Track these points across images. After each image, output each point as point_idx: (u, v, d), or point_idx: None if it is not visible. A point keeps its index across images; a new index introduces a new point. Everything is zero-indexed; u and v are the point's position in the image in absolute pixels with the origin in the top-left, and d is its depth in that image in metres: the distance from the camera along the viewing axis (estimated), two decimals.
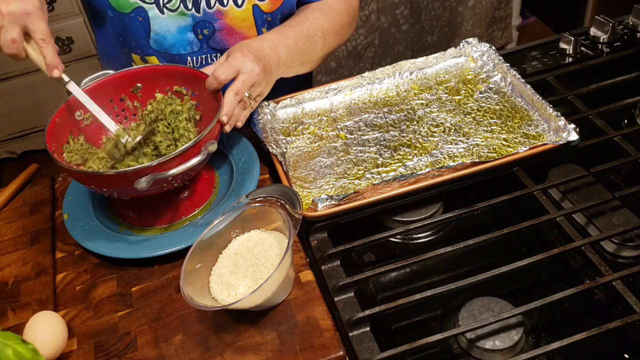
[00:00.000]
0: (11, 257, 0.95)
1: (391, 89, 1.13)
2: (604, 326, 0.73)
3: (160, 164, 0.81)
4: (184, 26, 1.05)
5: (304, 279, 0.85)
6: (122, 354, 0.80)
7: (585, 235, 0.88)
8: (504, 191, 0.92)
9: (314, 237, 0.90)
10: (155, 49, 1.08)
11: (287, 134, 1.07)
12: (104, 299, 0.87)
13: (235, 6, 1.04)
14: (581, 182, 0.94)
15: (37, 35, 0.83)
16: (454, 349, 0.78)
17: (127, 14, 1.03)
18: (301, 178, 0.98)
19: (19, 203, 1.05)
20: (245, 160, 1.00)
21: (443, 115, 1.05)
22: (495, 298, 0.81)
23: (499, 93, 1.08)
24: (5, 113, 2.50)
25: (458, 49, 1.17)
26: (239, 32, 1.07)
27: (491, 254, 0.91)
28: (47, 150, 0.87)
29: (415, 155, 0.99)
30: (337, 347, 0.76)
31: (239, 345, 0.78)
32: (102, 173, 0.86)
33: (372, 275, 0.83)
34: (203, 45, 1.08)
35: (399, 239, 0.95)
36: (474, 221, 0.97)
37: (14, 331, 0.77)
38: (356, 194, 0.89)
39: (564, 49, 1.21)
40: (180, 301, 0.84)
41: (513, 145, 0.98)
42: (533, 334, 0.79)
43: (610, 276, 0.79)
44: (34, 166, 1.12)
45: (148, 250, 0.88)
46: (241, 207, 0.86)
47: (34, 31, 0.83)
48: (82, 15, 2.31)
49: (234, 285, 0.80)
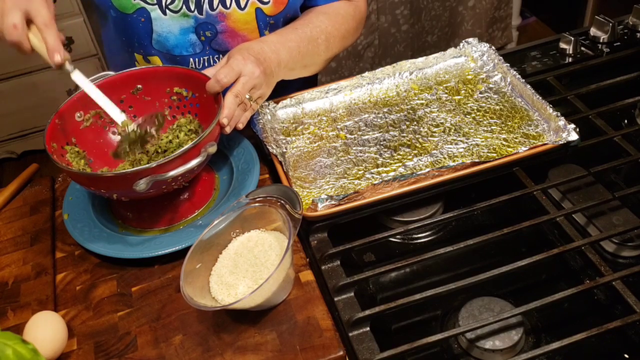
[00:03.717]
0: (11, 257, 0.95)
1: (391, 89, 1.13)
2: (604, 326, 0.73)
3: (159, 165, 0.81)
4: (187, 28, 1.05)
5: (304, 279, 0.85)
6: (122, 354, 0.80)
7: (585, 235, 0.88)
8: (504, 191, 0.92)
9: (314, 237, 0.90)
10: (158, 49, 1.08)
11: (287, 134, 1.07)
12: (104, 299, 0.87)
13: (238, 9, 1.04)
14: (581, 182, 0.94)
15: (38, 19, 0.80)
16: (454, 349, 0.78)
17: (129, 14, 1.03)
18: (301, 178, 0.98)
19: (19, 203, 1.05)
20: (245, 160, 1.00)
21: (443, 115, 1.05)
22: (495, 298, 0.81)
23: (499, 93, 1.08)
24: (5, 113, 2.50)
25: (458, 49, 1.17)
26: (242, 35, 1.07)
27: (491, 254, 0.91)
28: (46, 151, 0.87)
29: (415, 155, 0.99)
30: (337, 347, 0.76)
31: (239, 345, 0.78)
32: (100, 174, 0.86)
33: (372, 275, 0.83)
34: (205, 46, 1.08)
35: (399, 239, 0.95)
36: (474, 221, 0.97)
37: (14, 331, 0.77)
38: (356, 194, 0.89)
39: (564, 49, 1.21)
40: (180, 301, 0.84)
41: (513, 145, 0.98)
42: (533, 334, 0.79)
43: (610, 276, 0.79)
44: (34, 166, 1.12)
45: (148, 250, 0.88)
46: (241, 207, 0.86)
47: (36, 15, 0.80)
48: (82, 15, 2.31)
49: (234, 285, 0.80)
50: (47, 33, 0.80)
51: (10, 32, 0.79)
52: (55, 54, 0.81)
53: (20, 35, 0.79)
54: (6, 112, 2.49)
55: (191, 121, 0.98)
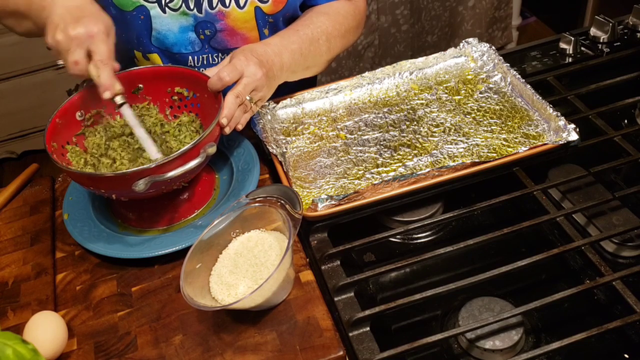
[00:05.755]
0: (11, 257, 0.95)
1: (391, 89, 1.13)
2: (604, 326, 0.73)
3: (158, 166, 0.81)
4: (186, 26, 1.05)
5: (304, 279, 0.85)
6: (122, 354, 0.80)
7: (585, 235, 0.88)
8: (504, 191, 0.92)
9: (314, 237, 0.90)
10: (157, 46, 1.08)
11: (287, 134, 1.07)
12: (104, 299, 0.87)
13: (237, 7, 1.04)
14: (581, 182, 0.94)
15: (96, 56, 0.86)
16: (454, 349, 0.78)
17: (129, 12, 1.03)
18: (301, 178, 0.98)
19: (19, 203, 1.05)
20: (245, 160, 1.00)
21: (443, 115, 1.05)
22: (495, 298, 0.81)
23: (499, 93, 1.08)
24: (5, 113, 2.50)
25: (458, 49, 1.17)
26: (241, 33, 1.07)
27: (491, 254, 0.91)
28: (46, 151, 0.87)
29: (415, 155, 0.99)
30: (337, 347, 0.76)
31: (239, 345, 0.78)
32: (100, 174, 0.86)
33: (372, 275, 0.83)
34: (205, 45, 1.08)
35: (399, 239, 0.95)
36: (474, 221, 0.97)
37: (14, 331, 0.77)
38: (356, 194, 0.89)
39: (564, 49, 1.21)
40: (180, 301, 0.84)
41: (513, 145, 0.98)
42: (533, 334, 0.79)
43: (610, 276, 0.79)
44: (34, 166, 1.12)
45: (148, 250, 0.88)
46: (241, 207, 0.86)
47: (95, 53, 0.86)
48: None
49: (234, 285, 0.80)
50: (102, 70, 0.86)
51: (72, 67, 0.86)
52: (105, 92, 0.87)
53: (80, 71, 0.86)
54: (6, 112, 2.49)
55: (193, 120, 0.98)
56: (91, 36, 0.85)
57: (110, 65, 0.88)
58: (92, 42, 0.86)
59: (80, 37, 0.85)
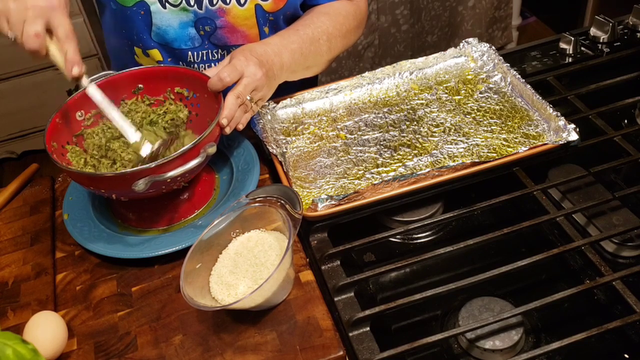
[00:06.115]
0: (11, 257, 0.95)
1: (391, 89, 1.13)
2: (604, 326, 0.73)
3: (158, 166, 0.81)
4: (186, 22, 1.05)
5: (304, 279, 0.85)
6: (122, 354, 0.80)
7: (585, 235, 0.88)
8: (504, 191, 0.92)
9: (314, 237, 0.90)
10: (157, 41, 1.08)
11: (287, 134, 1.07)
12: (104, 299, 0.87)
13: (237, 4, 1.04)
14: (581, 182, 0.94)
15: (60, 30, 0.81)
16: (454, 349, 0.78)
17: (129, 7, 1.03)
18: (301, 178, 0.98)
19: (19, 203, 1.05)
20: (245, 160, 1.00)
21: (443, 115, 1.05)
22: (495, 298, 0.81)
23: (499, 93, 1.08)
24: (5, 113, 2.50)
25: (458, 49, 1.17)
26: (241, 30, 1.07)
27: (491, 254, 0.91)
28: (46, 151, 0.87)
29: (415, 155, 0.99)
30: (337, 347, 0.76)
31: (239, 345, 0.78)
32: (100, 174, 0.86)
33: (372, 275, 0.83)
34: (204, 41, 1.08)
35: (399, 239, 0.95)
36: (474, 221, 0.97)
37: (14, 331, 0.77)
38: (356, 194, 0.89)
39: (564, 49, 1.21)
40: (180, 301, 0.84)
41: (513, 145, 0.98)
42: (533, 334, 0.79)
43: (610, 276, 0.79)
44: (34, 166, 1.12)
45: (148, 250, 0.88)
46: (241, 207, 0.86)
47: (58, 26, 0.81)
48: (82, 15, 2.31)
49: (234, 285, 0.80)
50: (67, 45, 0.81)
51: (31, 40, 0.79)
52: (73, 67, 0.82)
53: (40, 45, 0.80)
54: (6, 112, 2.49)
55: (181, 110, 0.98)
56: (53, 8, 0.79)
57: (75, 40, 0.82)
58: (54, 14, 0.79)
59: (40, 7, 0.78)
